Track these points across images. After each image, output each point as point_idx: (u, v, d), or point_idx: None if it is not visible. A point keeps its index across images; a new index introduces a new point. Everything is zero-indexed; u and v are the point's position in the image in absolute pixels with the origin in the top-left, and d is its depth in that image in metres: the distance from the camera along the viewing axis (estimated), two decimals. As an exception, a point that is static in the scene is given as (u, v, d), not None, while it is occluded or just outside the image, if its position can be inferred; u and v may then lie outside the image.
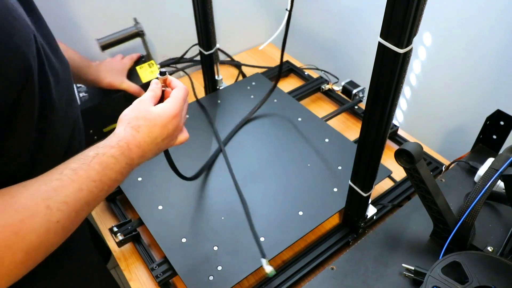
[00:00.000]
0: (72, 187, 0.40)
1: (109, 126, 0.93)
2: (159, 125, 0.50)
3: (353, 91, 0.99)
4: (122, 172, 0.46)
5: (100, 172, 0.43)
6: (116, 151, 0.45)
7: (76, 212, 0.40)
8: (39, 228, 0.37)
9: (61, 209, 0.39)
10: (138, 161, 0.49)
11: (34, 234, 0.36)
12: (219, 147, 0.85)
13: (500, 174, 0.56)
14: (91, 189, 0.42)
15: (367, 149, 0.58)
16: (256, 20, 1.27)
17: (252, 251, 0.68)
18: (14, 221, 0.35)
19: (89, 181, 0.42)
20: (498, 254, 0.62)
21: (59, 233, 0.39)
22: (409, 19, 0.42)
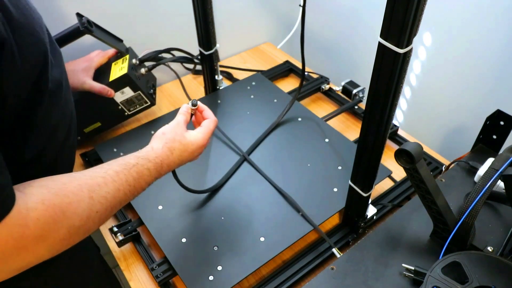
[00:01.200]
0: (112, 186, 0.47)
1: (90, 126, 0.89)
2: (189, 151, 0.60)
3: (353, 91, 0.99)
4: (150, 183, 0.54)
5: (136, 179, 0.51)
6: (151, 166, 0.54)
7: (111, 207, 0.47)
8: (81, 213, 0.43)
9: (101, 202, 0.45)
10: (162, 175, 0.57)
11: (77, 217, 0.42)
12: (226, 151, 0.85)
13: (500, 174, 0.56)
14: (126, 191, 0.49)
15: (367, 149, 0.58)
16: (256, 20, 1.27)
17: (252, 251, 0.68)
18: (63, 202, 0.41)
19: (126, 185, 0.49)
20: (498, 254, 0.62)
21: (96, 222, 0.45)
22: (409, 19, 0.42)
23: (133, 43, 0.95)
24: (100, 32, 0.83)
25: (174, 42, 1.10)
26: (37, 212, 0.39)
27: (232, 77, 1.14)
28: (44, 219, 0.39)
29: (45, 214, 0.39)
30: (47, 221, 0.39)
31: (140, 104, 0.91)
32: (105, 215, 0.46)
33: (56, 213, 0.40)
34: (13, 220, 0.37)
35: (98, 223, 0.46)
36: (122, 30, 0.96)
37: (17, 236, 0.37)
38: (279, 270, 0.70)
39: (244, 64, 1.22)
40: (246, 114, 0.94)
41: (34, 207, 0.38)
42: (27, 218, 0.38)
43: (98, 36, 0.81)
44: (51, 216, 0.40)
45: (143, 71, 0.87)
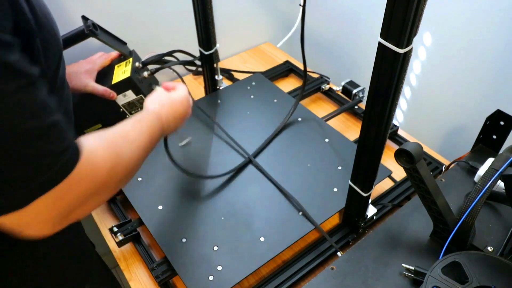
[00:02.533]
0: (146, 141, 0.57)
1: (91, 127, 0.89)
2: (177, 100, 0.67)
3: (353, 91, 0.99)
4: (158, 136, 0.62)
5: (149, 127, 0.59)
6: (153, 117, 0.62)
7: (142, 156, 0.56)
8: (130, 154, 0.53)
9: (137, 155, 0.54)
10: (165, 129, 0.64)
11: (125, 154, 0.51)
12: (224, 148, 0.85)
13: (500, 174, 0.56)
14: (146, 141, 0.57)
15: (367, 149, 0.58)
16: (256, 20, 1.27)
17: (252, 251, 0.68)
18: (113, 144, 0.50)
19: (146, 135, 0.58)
20: (498, 254, 0.62)
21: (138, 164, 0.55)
22: (409, 19, 0.42)
23: (133, 43, 0.94)
24: (105, 35, 0.84)
25: (174, 42, 1.10)
26: (99, 152, 0.46)
27: (232, 77, 1.14)
28: (106, 156, 0.47)
29: (105, 153, 0.47)
30: (109, 156, 0.48)
31: (142, 108, 0.91)
32: (142, 159, 0.56)
33: (111, 152, 0.48)
34: (85, 159, 0.43)
35: (139, 165, 0.55)
36: (123, 30, 0.96)
37: (93, 170, 0.45)
38: (279, 270, 0.70)
39: (244, 64, 1.22)
40: (246, 114, 0.94)
41: (95, 149, 0.46)
42: (96, 157, 0.45)
43: (102, 39, 0.81)
44: (109, 154, 0.48)
45: (145, 74, 0.87)
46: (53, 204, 0.42)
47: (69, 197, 0.43)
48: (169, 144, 0.73)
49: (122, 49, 0.87)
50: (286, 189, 0.76)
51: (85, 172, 0.44)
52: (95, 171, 0.45)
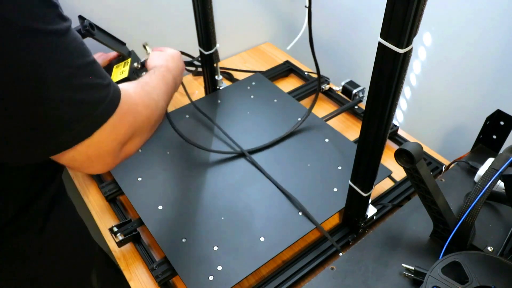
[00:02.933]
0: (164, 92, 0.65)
1: None
2: (175, 57, 0.78)
3: (353, 91, 0.99)
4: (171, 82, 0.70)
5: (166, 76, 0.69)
6: (164, 69, 0.71)
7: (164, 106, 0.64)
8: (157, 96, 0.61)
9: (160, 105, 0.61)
10: (176, 79, 0.74)
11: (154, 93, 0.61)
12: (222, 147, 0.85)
13: (500, 174, 0.56)
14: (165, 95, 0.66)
15: (367, 149, 0.58)
16: (256, 20, 1.27)
17: (252, 251, 0.68)
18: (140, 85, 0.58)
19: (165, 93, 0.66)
20: (498, 254, 0.62)
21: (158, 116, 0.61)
22: (409, 19, 0.42)
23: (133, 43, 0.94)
24: (102, 35, 0.83)
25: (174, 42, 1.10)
26: (132, 91, 0.53)
27: (232, 77, 1.14)
28: (139, 94, 0.54)
29: (137, 92, 0.54)
30: (141, 95, 0.55)
31: None
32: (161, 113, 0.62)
33: (141, 90, 0.56)
34: (124, 95, 0.49)
35: (164, 108, 0.64)
36: (122, 30, 0.96)
37: (132, 104, 0.51)
38: (279, 270, 0.70)
39: (244, 64, 1.22)
40: (246, 114, 0.94)
41: (127, 89, 0.52)
42: (130, 94, 0.51)
43: (99, 39, 0.81)
44: (140, 92, 0.55)
45: (144, 75, 0.87)
46: (111, 133, 0.47)
47: (122, 127, 0.49)
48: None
49: (120, 50, 0.87)
50: (286, 189, 0.76)
51: (128, 104, 0.50)
52: (135, 104, 0.52)
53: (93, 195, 0.84)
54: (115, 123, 0.47)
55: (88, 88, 0.44)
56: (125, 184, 0.79)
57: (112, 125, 0.47)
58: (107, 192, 0.81)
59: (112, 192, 0.81)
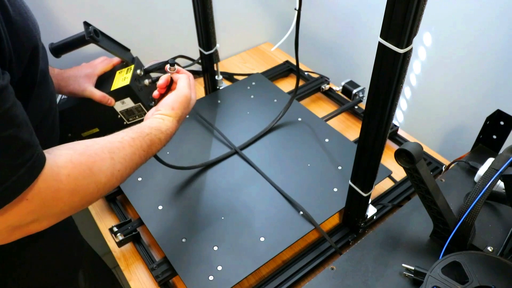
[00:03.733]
0: (129, 150, 0.53)
1: (88, 131, 0.88)
2: (187, 102, 0.66)
3: (353, 91, 0.99)
4: (160, 149, 0.61)
5: (149, 146, 0.57)
6: (163, 136, 0.60)
7: (129, 168, 0.54)
8: (106, 170, 0.49)
9: (121, 162, 0.51)
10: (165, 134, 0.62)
11: (103, 174, 0.48)
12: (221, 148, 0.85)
13: (500, 174, 0.56)
14: (141, 155, 0.56)
15: (367, 149, 0.58)
16: (256, 20, 1.27)
17: (252, 251, 0.68)
18: (89, 161, 0.47)
19: (141, 150, 0.55)
20: (498, 254, 0.62)
21: (118, 179, 0.51)
22: (409, 19, 0.42)
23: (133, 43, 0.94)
24: (107, 42, 0.83)
25: (174, 42, 1.11)
26: (67, 170, 0.44)
27: (232, 78, 1.14)
28: (74, 175, 0.45)
29: (74, 171, 0.45)
30: (77, 177, 0.45)
31: (140, 115, 0.92)
32: (126, 174, 0.53)
33: (84, 170, 0.46)
34: (48, 175, 0.42)
35: (120, 181, 0.52)
36: (122, 31, 0.96)
37: (54, 189, 0.43)
38: (279, 270, 0.70)
39: (244, 64, 1.22)
40: (246, 114, 0.94)
41: (64, 165, 0.44)
42: (60, 174, 0.43)
43: (103, 46, 0.81)
44: (80, 173, 0.46)
45: (146, 82, 0.87)
46: (6, 217, 0.40)
47: (23, 212, 0.41)
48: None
49: (124, 56, 0.87)
50: (286, 189, 0.76)
51: (44, 188, 0.42)
52: (57, 189, 0.43)
53: (93, 195, 0.84)
54: (14, 207, 0.40)
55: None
56: (125, 184, 0.79)
57: (10, 209, 0.40)
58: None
59: (112, 192, 0.81)
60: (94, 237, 0.84)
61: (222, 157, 0.83)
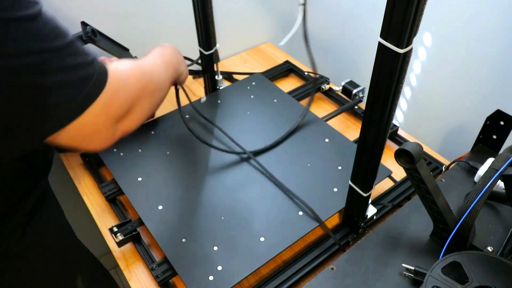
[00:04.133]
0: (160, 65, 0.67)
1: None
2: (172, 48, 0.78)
3: (353, 91, 0.99)
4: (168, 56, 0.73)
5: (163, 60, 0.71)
6: (158, 48, 0.72)
7: (164, 79, 0.67)
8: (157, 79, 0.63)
9: (158, 77, 0.63)
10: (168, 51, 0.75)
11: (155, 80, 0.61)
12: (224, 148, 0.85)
13: (500, 174, 0.56)
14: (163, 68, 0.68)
15: (367, 149, 0.58)
16: (256, 20, 1.27)
17: (252, 251, 0.68)
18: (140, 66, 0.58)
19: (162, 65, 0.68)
20: (498, 254, 0.62)
21: (159, 88, 0.63)
22: (409, 19, 0.42)
23: (132, 43, 0.95)
24: (105, 41, 0.83)
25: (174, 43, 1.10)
26: (126, 69, 0.53)
27: (232, 78, 1.14)
28: (134, 70, 0.55)
29: (134, 74, 0.55)
30: (136, 71, 0.56)
31: None
32: (161, 85, 0.65)
33: (140, 72, 0.56)
34: (115, 76, 0.49)
35: (162, 88, 0.65)
36: (122, 30, 0.96)
37: (127, 84, 0.52)
38: (279, 270, 0.70)
39: (244, 64, 1.22)
40: (246, 114, 0.94)
41: (122, 67, 0.53)
42: (122, 72, 0.52)
43: (101, 46, 0.81)
44: (134, 69, 0.55)
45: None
46: (103, 110, 0.47)
47: (114, 103, 0.49)
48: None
49: (123, 56, 0.87)
50: (286, 189, 0.76)
51: (117, 79, 0.50)
52: (125, 78, 0.52)
53: (93, 195, 0.84)
54: (105, 100, 0.47)
55: (70, 69, 0.44)
56: (125, 184, 0.79)
57: (103, 103, 0.47)
58: (107, 192, 0.81)
59: (112, 192, 0.81)
60: (94, 237, 0.84)
61: (224, 157, 0.83)
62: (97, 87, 0.46)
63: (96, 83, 0.46)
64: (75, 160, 0.91)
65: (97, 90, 0.46)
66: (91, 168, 0.88)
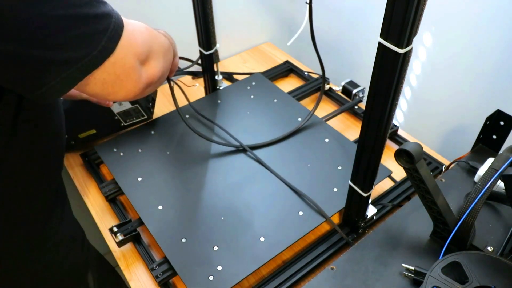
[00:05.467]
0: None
1: (85, 132, 0.88)
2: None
3: (353, 91, 0.99)
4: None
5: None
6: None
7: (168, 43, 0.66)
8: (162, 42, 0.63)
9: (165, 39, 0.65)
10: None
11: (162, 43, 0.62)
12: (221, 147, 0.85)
13: (500, 174, 0.56)
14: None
15: (367, 149, 0.58)
16: (256, 20, 1.27)
17: (252, 251, 0.68)
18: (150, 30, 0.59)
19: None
20: (498, 254, 0.62)
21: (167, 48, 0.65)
22: (409, 19, 0.42)
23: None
24: None
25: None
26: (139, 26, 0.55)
27: (232, 78, 1.14)
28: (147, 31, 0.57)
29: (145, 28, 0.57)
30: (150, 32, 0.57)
31: (137, 117, 0.92)
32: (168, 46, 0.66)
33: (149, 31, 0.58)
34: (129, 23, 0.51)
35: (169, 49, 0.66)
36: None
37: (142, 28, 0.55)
38: (279, 270, 0.70)
39: (244, 64, 1.22)
40: (246, 114, 0.94)
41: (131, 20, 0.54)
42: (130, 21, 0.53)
43: None
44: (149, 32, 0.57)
45: None
46: (129, 48, 0.50)
47: (136, 42, 0.52)
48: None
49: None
50: (286, 189, 0.76)
51: (132, 26, 0.52)
52: (139, 27, 0.54)
53: (93, 195, 0.84)
54: (129, 38, 0.50)
55: (96, 3, 0.45)
56: (125, 184, 0.79)
57: (127, 40, 0.49)
58: (107, 192, 0.81)
59: (112, 192, 0.81)
60: (94, 237, 0.84)
61: (224, 157, 0.83)
62: (120, 24, 0.48)
63: (118, 20, 0.48)
64: (75, 160, 0.91)
65: (121, 26, 0.48)
66: (91, 168, 0.88)
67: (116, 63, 0.48)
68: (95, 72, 0.47)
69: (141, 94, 0.56)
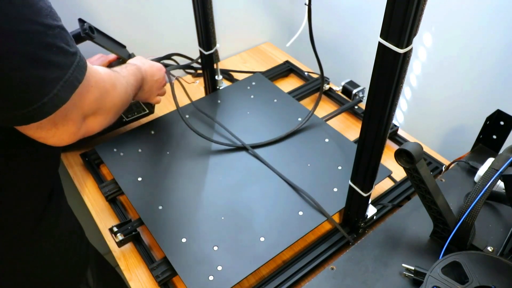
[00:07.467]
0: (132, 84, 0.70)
1: None
2: (155, 67, 0.81)
3: (353, 91, 0.99)
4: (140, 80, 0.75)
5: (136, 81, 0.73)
6: (135, 67, 0.74)
7: (130, 96, 0.68)
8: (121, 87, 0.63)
9: (128, 92, 0.66)
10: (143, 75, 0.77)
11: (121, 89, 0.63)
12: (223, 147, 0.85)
13: (500, 174, 0.56)
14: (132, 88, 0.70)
15: (367, 149, 0.58)
16: (256, 20, 1.27)
17: (252, 251, 0.68)
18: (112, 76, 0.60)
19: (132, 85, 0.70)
20: (498, 254, 0.62)
21: (124, 102, 0.65)
22: (409, 19, 0.42)
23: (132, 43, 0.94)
24: (102, 38, 0.83)
25: (174, 42, 1.10)
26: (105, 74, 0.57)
27: (232, 77, 1.14)
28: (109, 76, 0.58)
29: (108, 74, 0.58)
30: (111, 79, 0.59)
31: (138, 112, 0.92)
32: (127, 101, 0.67)
33: (112, 77, 0.59)
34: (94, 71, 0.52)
35: (126, 103, 0.66)
36: (122, 30, 0.96)
37: (102, 81, 0.55)
38: (279, 270, 0.70)
39: (244, 64, 1.22)
40: (246, 114, 0.94)
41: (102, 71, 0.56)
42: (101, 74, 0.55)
43: (99, 43, 0.81)
44: (112, 77, 0.59)
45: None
46: (77, 102, 0.49)
47: (88, 98, 0.51)
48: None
49: (120, 52, 0.87)
50: (286, 189, 0.76)
51: (95, 78, 0.52)
52: (102, 80, 0.54)
53: (93, 195, 0.84)
54: (82, 92, 0.49)
55: (57, 50, 0.44)
56: (125, 184, 0.79)
57: (79, 94, 0.48)
58: (107, 192, 0.81)
59: (112, 192, 0.81)
60: (94, 237, 0.84)
61: (224, 156, 0.83)
62: (78, 76, 0.47)
63: (77, 72, 0.47)
64: (75, 160, 0.91)
65: (78, 79, 0.47)
66: (91, 168, 0.88)
67: (58, 112, 0.46)
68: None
69: (72, 142, 0.53)
